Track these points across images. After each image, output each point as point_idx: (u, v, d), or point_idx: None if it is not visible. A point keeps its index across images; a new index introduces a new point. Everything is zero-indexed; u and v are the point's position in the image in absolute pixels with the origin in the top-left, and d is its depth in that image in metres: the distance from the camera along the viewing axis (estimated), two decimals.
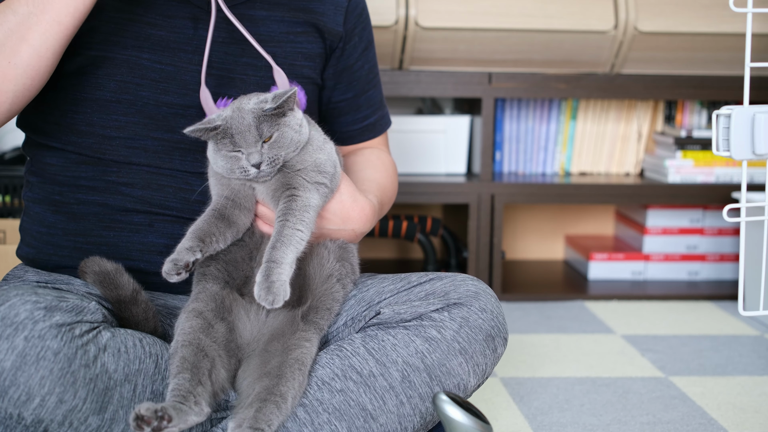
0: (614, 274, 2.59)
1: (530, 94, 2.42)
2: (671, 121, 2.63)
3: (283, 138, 1.27)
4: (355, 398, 1.25)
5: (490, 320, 1.32)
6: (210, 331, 1.26)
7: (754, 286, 2.22)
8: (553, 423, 1.57)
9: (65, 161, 1.41)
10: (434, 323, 1.29)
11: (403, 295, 1.36)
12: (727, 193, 2.45)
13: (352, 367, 1.26)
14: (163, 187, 1.40)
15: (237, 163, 1.27)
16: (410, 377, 1.26)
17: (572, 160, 2.64)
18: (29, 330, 1.12)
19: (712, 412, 1.63)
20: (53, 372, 1.12)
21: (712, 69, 2.47)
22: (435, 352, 1.28)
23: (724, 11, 2.38)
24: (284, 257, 1.24)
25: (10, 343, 1.11)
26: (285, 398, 1.20)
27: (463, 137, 2.52)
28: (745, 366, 1.89)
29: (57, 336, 1.13)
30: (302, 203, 1.28)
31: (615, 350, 1.99)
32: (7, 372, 1.10)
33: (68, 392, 1.13)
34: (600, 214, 2.84)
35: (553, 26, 2.35)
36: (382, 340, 1.29)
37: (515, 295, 2.42)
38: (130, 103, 1.38)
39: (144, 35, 1.39)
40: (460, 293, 1.33)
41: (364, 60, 1.56)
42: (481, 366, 1.31)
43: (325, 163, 1.33)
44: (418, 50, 2.37)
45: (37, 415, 1.12)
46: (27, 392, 1.11)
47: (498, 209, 2.41)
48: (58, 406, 1.13)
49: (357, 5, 1.53)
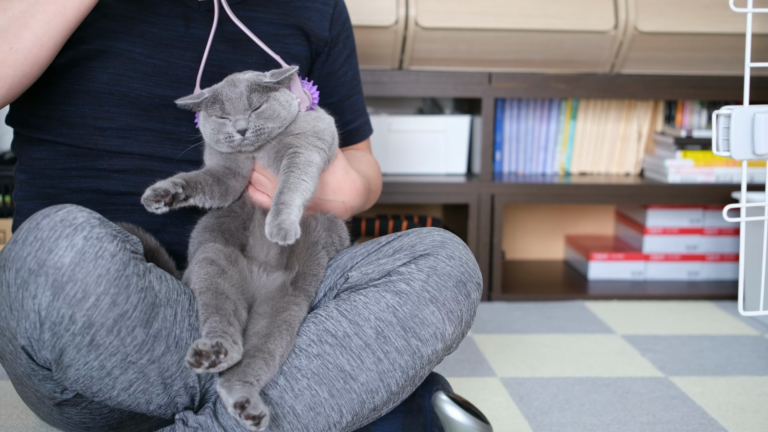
0: (614, 274, 2.59)
1: (530, 94, 2.42)
2: (671, 121, 2.63)
3: (271, 110, 1.31)
4: (332, 360, 1.26)
5: (458, 267, 1.32)
6: (225, 276, 1.28)
7: (754, 286, 2.22)
8: (553, 423, 1.57)
9: (55, 153, 1.43)
10: (402, 277, 1.30)
11: (373, 256, 1.36)
12: (727, 193, 2.45)
13: (326, 331, 1.27)
14: (155, 173, 1.42)
15: (223, 129, 1.30)
16: (384, 332, 1.27)
17: (572, 160, 2.64)
18: (88, 231, 1.15)
19: (712, 412, 1.63)
20: (110, 272, 1.15)
21: (712, 69, 2.47)
22: (406, 305, 1.28)
23: (724, 11, 2.38)
24: (292, 200, 1.26)
25: (69, 241, 1.13)
26: (273, 355, 1.22)
27: (463, 137, 2.52)
28: (745, 366, 1.89)
29: (113, 241, 1.16)
30: (305, 159, 1.31)
31: (615, 350, 1.99)
32: (66, 267, 1.13)
33: (122, 295, 1.16)
34: (600, 214, 2.84)
35: (553, 26, 2.35)
36: (354, 300, 1.30)
37: (515, 295, 2.42)
38: (122, 94, 1.41)
39: (137, 31, 1.42)
40: (426, 244, 1.33)
41: (348, 67, 1.62)
42: (456, 312, 1.31)
43: (323, 131, 1.37)
44: (418, 50, 2.37)
45: (89, 317, 1.14)
46: (83, 289, 1.13)
47: (498, 209, 2.41)
48: (111, 308, 1.15)
49: (341, 13, 1.60)
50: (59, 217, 1.15)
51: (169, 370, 1.23)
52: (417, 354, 1.28)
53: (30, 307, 1.14)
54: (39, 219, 1.16)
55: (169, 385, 1.24)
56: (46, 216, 1.16)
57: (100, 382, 1.20)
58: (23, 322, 1.15)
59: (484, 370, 1.84)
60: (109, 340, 1.16)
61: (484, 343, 2.02)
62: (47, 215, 1.16)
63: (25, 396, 1.35)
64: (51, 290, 1.13)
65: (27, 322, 1.14)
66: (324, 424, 1.25)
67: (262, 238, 1.35)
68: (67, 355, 1.16)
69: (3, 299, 1.16)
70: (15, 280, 1.14)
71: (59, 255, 1.13)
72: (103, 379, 1.20)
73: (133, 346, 1.18)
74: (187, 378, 1.25)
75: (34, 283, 1.13)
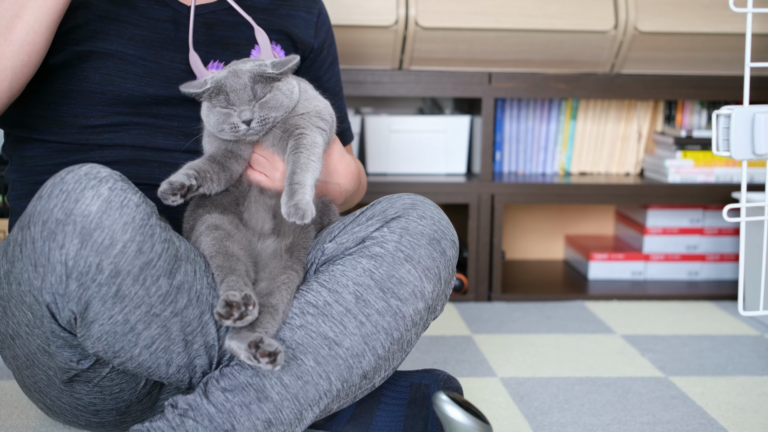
0: (614, 274, 2.59)
1: (530, 94, 2.42)
2: (671, 121, 2.63)
3: (275, 100, 1.33)
4: (315, 329, 1.27)
5: (430, 225, 1.33)
6: (232, 239, 1.31)
7: (754, 286, 2.22)
8: (553, 423, 1.57)
9: (46, 150, 1.46)
10: (375, 241, 1.32)
11: (349, 227, 1.38)
12: (727, 193, 2.45)
13: (307, 303, 1.29)
14: (148, 162, 1.44)
15: (228, 119, 1.32)
16: (363, 296, 1.29)
17: (572, 160, 2.64)
18: (112, 183, 1.18)
19: (712, 412, 1.63)
20: (135, 220, 1.17)
21: (712, 69, 2.47)
22: (381, 267, 1.30)
23: (724, 11, 2.38)
24: (305, 180, 1.29)
25: (95, 191, 1.16)
26: (277, 309, 1.26)
27: (463, 137, 2.52)
28: (745, 366, 1.89)
29: (136, 193, 1.20)
30: (311, 140, 1.34)
31: (615, 350, 1.99)
32: (93, 215, 1.15)
33: (147, 243, 1.18)
34: (600, 214, 2.84)
35: (553, 26, 2.35)
36: (332, 271, 1.31)
37: (515, 295, 2.42)
38: (114, 94, 1.43)
39: (128, 34, 1.45)
40: (397, 208, 1.35)
41: (331, 74, 1.66)
42: (433, 270, 1.32)
43: (324, 111, 1.40)
44: (418, 50, 2.37)
45: (116, 264, 1.17)
46: (111, 236, 1.16)
47: (498, 209, 2.41)
48: (137, 256, 1.18)
49: (324, 22, 1.64)
50: (83, 171, 1.18)
51: (191, 325, 1.25)
52: (399, 314, 1.29)
53: (57, 258, 1.15)
54: (63, 174, 1.18)
55: (190, 342, 1.26)
56: (70, 171, 1.18)
57: (123, 339, 1.22)
58: (49, 276, 1.17)
59: (484, 370, 1.84)
60: (135, 290, 1.19)
61: (484, 343, 2.02)
62: (71, 170, 1.18)
63: (33, 382, 1.35)
64: (79, 238, 1.15)
65: (53, 275, 1.16)
66: (314, 393, 1.26)
67: (257, 213, 1.38)
68: (92, 308, 1.18)
69: (27, 258, 1.18)
70: (41, 233, 1.16)
71: (86, 204, 1.15)
72: (126, 335, 1.21)
73: (157, 296, 1.21)
74: (207, 335, 1.28)
75: (62, 232, 1.15)
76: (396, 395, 1.42)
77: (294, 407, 1.25)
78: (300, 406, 1.25)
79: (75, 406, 1.36)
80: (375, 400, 1.41)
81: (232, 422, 1.22)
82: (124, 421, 1.40)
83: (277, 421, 1.24)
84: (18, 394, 1.64)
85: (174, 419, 1.23)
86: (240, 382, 1.24)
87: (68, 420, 1.40)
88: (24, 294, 1.21)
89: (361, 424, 1.40)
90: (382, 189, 2.35)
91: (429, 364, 1.86)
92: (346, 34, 2.30)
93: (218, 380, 1.25)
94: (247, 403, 1.23)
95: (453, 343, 2.02)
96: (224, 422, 1.22)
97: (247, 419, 1.23)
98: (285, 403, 1.25)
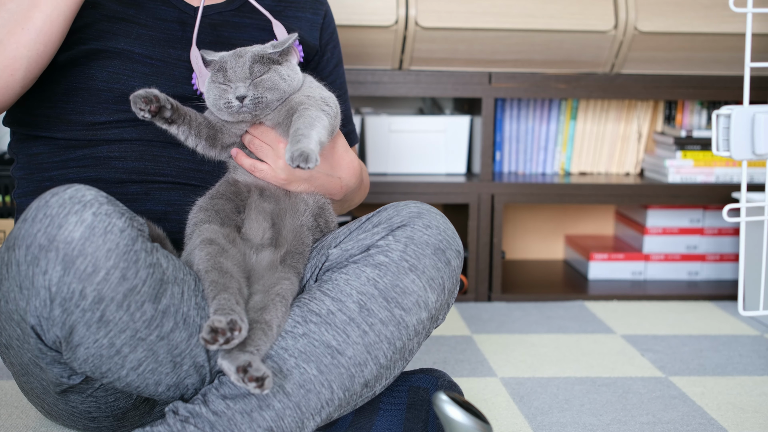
0: (614, 274, 2.59)
1: (530, 94, 2.42)
2: (671, 121, 2.63)
3: (271, 81, 1.35)
4: (318, 338, 1.27)
5: (436, 235, 1.33)
6: (226, 255, 1.30)
7: (754, 286, 2.22)
8: (553, 423, 1.57)
9: (52, 147, 1.46)
10: (380, 249, 1.31)
11: (354, 233, 1.37)
12: (727, 193, 2.45)
13: (311, 311, 1.29)
14: (156, 157, 1.44)
15: (224, 95, 1.34)
16: (367, 305, 1.28)
17: (572, 160, 2.64)
18: (96, 207, 1.16)
19: (712, 412, 1.63)
20: (119, 246, 1.16)
21: (712, 69, 2.47)
22: (386, 276, 1.29)
23: (724, 11, 2.38)
24: (310, 133, 1.29)
25: (79, 217, 1.15)
26: (270, 325, 1.25)
27: (463, 137, 2.52)
28: (745, 366, 1.89)
29: (121, 217, 1.18)
30: (316, 114, 1.34)
31: (615, 350, 1.99)
32: (76, 242, 1.14)
33: (131, 269, 1.17)
34: (600, 214, 2.84)
35: (554, 26, 2.35)
36: (335, 279, 1.31)
37: (515, 295, 2.42)
38: (121, 92, 1.43)
39: (135, 33, 1.45)
40: (403, 216, 1.34)
41: (336, 75, 1.66)
42: (437, 280, 1.32)
43: (329, 99, 1.40)
44: (418, 50, 2.37)
45: (99, 291, 1.15)
46: (93, 263, 1.15)
47: (498, 209, 2.41)
48: (121, 282, 1.17)
49: (329, 24, 1.64)
50: (68, 195, 1.17)
51: (178, 348, 1.24)
52: (402, 324, 1.29)
53: (40, 283, 1.15)
54: (48, 197, 1.17)
55: (178, 364, 1.25)
56: (54, 194, 1.17)
57: (110, 361, 1.21)
58: (33, 300, 1.16)
59: (484, 370, 1.84)
60: (119, 316, 1.18)
61: (484, 343, 2.02)
62: (56, 193, 1.17)
63: (30, 388, 1.35)
64: (62, 265, 1.14)
65: (37, 299, 1.15)
66: (316, 402, 1.26)
67: (256, 221, 1.37)
68: (77, 332, 1.17)
69: (13, 279, 1.17)
70: (25, 257, 1.15)
71: (69, 230, 1.14)
72: (113, 358, 1.20)
73: (142, 321, 1.20)
74: (196, 357, 1.27)
75: (44, 258, 1.14)
76: (395, 400, 1.41)
77: (296, 416, 1.25)
78: (302, 414, 1.25)
79: (71, 413, 1.35)
80: (374, 406, 1.40)
81: (233, 429, 1.22)
82: (122, 425, 1.39)
83: (278, 429, 1.24)
84: (18, 394, 1.64)
85: (175, 424, 1.22)
86: (241, 390, 1.24)
87: (66, 424, 1.40)
88: (12, 312, 1.21)
89: (360, 430, 1.39)
90: (382, 189, 2.35)
91: (429, 364, 1.86)
92: (347, 34, 2.30)
93: (218, 388, 1.25)
94: (249, 411, 1.23)
95: (453, 343, 2.02)
96: (225, 429, 1.22)
97: (248, 427, 1.22)
98: (287, 411, 1.24)
